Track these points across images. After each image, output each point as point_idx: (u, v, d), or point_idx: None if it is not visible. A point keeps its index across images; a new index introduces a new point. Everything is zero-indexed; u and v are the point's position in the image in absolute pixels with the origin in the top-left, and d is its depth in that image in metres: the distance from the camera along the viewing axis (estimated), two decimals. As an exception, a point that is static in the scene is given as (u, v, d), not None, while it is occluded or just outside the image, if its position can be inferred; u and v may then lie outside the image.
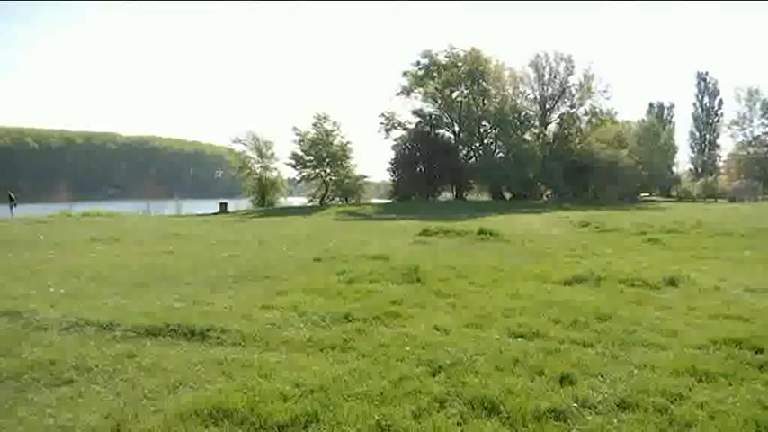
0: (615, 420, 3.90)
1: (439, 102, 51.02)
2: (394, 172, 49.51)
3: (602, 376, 4.68)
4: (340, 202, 45.20)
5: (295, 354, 5.37)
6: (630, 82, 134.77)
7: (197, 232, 19.73)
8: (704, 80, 71.61)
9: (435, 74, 49.53)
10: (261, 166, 45.19)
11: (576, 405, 4.12)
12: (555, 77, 51.31)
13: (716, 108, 71.11)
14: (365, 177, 48.09)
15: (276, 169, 45.84)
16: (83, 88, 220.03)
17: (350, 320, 6.51)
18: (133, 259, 12.06)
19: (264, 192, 45.03)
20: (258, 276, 9.64)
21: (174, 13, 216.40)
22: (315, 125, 45.08)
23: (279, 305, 7.23)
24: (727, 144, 74.29)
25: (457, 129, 51.57)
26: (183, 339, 5.75)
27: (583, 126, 51.66)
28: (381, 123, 50.62)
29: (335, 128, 45.32)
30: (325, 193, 45.78)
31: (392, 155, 49.51)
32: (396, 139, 50.30)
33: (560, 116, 52.17)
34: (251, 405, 4.03)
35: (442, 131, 51.83)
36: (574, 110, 51.79)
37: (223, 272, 10.13)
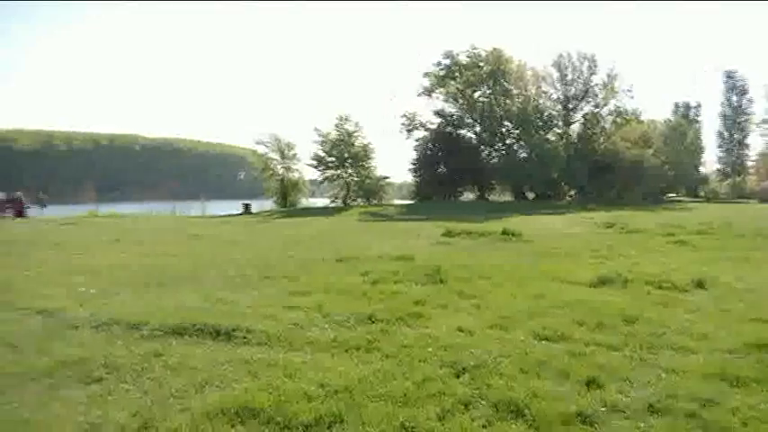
0: (644, 425, 3.84)
1: (461, 102, 50.80)
2: (416, 172, 49.42)
3: (629, 380, 4.62)
4: (362, 203, 45.25)
5: (319, 354, 5.39)
6: (656, 81, 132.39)
7: (221, 232, 19.95)
8: (732, 78, 70.13)
9: (457, 74, 49.35)
10: (283, 167, 45.48)
11: (603, 409, 4.07)
12: (578, 77, 50.75)
13: (745, 107, 69.56)
14: (387, 178, 48.10)
15: (298, 170, 46.11)
16: (106, 90, 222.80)
17: (374, 321, 6.52)
18: (159, 259, 12.23)
19: (287, 192, 45.30)
20: (282, 276, 9.69)
21: (187, 13, 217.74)
22: (336, 126, 45.25)
23: (303, 305, 7.27)
24: (756, 143, 72.64)
25: (479, 129, 51.26)
26: (209, 339, 5.81)
27: (607, 126, 50.98)
28: (403, 124, 50.59)
29: (357, 128, 45.45)
30: (348, 193, 45.89)
31: (414, 155, 49.47)
32: (417, 140, 50.24)
33: (584, 116, 51.56)
34: (276, 405, 4.06)
35: (463, 132, 51.59)
36: (598, 109, 51.15)
37: (247, 271, 10.21)
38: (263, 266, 10.87)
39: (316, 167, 45.41)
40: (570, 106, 51.38)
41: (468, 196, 51.37)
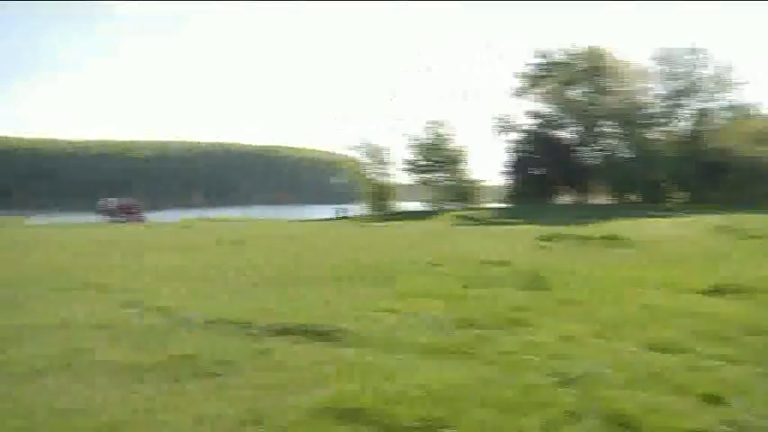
0: (775, 446, 3.53)
1: (556, 101, 49.23)
2: (509, 175, 48.59)
3: (755, 397, 4.25)
4: (456, 207, 45.04)
5: (418, 357, 5.40)
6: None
7: (318, 235, 20.55)
8: None
9: (551, 73, 47.88)
10: (376, 172, 46.24)
11: (725, 428, 3.78)
12: (685, 71, 47.61)
13: None
14: (481, 181, 47.65)
15: (391, 174, 46.71)
16: (205, 100, 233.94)
17: (471, 326, 6.45)
18: (262, 260, 12.81)
19: (380, 197, 45.98)
20: (379, 279, 9.84)
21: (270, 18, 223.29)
22: (429, 130, 45.43)
23: (400, 308, 7.34)
24: None
25: (576, 129, 49.42)
26: (312, 339, 5.99)
27: (719, 122, 47.44)
28: (495, 126, 49.79)
29: (450, 132, 45.40)
30: (441, 197, 45.87)
31: (507, 157, 48.63)
32: (510, 142, 49.33)
33: (693, 112, 48.32)
34: (379, 406, 4.10)
35: (559, 132, 50.00)
36: (707, 104, 47.74)
37: (346, 274, 10.46)
38: (360, 269, 11.08)
39: (408, 172, 45.86)
40: (676, 102, 48.28)
41: (566, 199, 49.68)
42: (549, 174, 45.72)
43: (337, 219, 38.61)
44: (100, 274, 10.89)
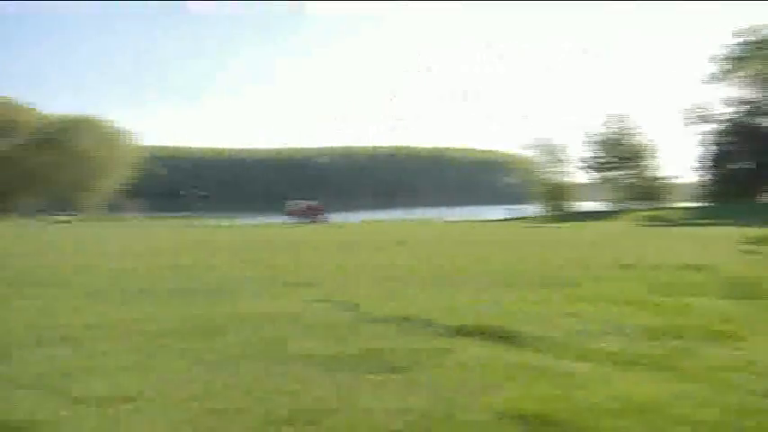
0: None
1: (765, 85, 43.21)
2: (704, 171, 43.81)
3: None
4: (640, 207, 41.80)
5: (609, 367, 5.09)
6: None
7: (493, 236, 20.37)
8: None
9: (761, 52, 42.07)
10: (552, 171, 44.69)
11: None
12: None
13: None
14: (670, 178, 43.64)
15: (568, 173, 44.84)
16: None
17: (667, 337, 5.94)
18: (440, 260, 13.08)
19: (555, 196, 44.34)
20: (561, 282, 9.50)
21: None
22: (609, 126, 42.78)
23: (586, 313, 7.01)
24: None
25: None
26: (494, 341, 5.94)
27: None
28: (687, 117, 45.13)
29: (633, 127, 42.31)
30: (623, 196, 42.92)
31: (701, 152, 43.87)
32: (705, 134, 44.37)
33: None
34: (571, 415, 3.93)
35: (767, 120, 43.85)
36: None
37: (526, 275, 10.27)
38: (539, 270, 10.83)
39: (588, 170, 43.66)
40: None
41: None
42: (756, 168, 40.31)
43: (511, 219, 37.94)
44: (294, 271, 11.91)
